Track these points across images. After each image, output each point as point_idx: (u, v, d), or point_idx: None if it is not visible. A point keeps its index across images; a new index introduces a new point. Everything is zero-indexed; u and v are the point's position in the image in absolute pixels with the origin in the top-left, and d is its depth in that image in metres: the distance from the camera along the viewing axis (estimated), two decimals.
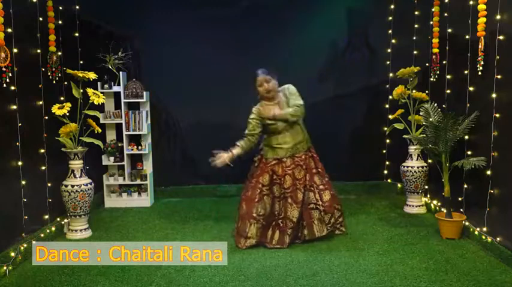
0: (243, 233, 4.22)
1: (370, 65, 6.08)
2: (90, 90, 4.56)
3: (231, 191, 6.09)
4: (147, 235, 4.62)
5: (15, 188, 4.02)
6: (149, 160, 5.88)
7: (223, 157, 4.28)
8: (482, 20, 4.03)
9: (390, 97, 5.81)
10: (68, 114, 4.42)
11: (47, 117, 4.56)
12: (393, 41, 5.95)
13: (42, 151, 4.50)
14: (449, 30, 4.83)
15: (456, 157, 4.38)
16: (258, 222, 4.22)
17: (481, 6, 4.02)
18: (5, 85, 3.84)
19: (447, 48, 4.87)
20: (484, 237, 4.03)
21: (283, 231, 4.23)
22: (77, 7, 5.44)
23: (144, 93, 5.60)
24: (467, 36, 4.37)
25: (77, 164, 4.54)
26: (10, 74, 3.88)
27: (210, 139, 6.17)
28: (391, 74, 5.92)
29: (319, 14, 5.92)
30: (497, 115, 3.89)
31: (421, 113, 4.66)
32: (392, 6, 5.91)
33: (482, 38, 4.05)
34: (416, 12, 5.66)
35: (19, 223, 4.04)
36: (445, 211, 4.43)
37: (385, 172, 6.18)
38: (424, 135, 4.63)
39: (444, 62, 4.93)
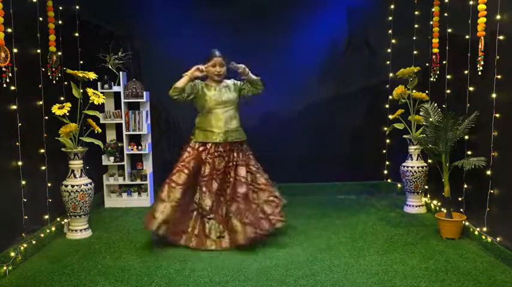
0: (154, 213, 4.10)
1: (370, 65, 6.08)
2: (90, 90, 4.56)
3: None
4: (147, 235, 4.62)
5: (15, 188, 4.01)
6: (149, 160, 5.88)
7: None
8: (482, 20, 4.03)
9: (390, 97, 5.82)
10: (68, 114, 4.42)
11: (47, 117, 4.56)
12: (393, 41, 5.95)
13: (42, 151, 4.50)
14: (449, 30, 4.83)
15: (456, 157, 4.38)
16: (172, 202, 4.13)
17: (481, 6, 4.02)
18: (5, 85, 3.84)
19: (447, 48, 4.87)
20: (484, 237, 4.03)
21: (201, 220, 4.22)
22: (77, 7, 5.44)
23: (144, 93, 5.60)
24: (467, 36, 4.37)
25: (77, 164, 4.54)
26: (10, 74, 3.87)
27: None
28: (391, 74, 5.93)
29: (319, 14, 5.92)
30: (497, 115, 3.89)
31: (421, 113, 4.66)
32: (392, 6, 5.91)
33: (482, 38, 4.05)
34: (416, 12, 5.66)
35: (19, 223, 4.04)
36: (445, 211, 4.43)
37: (385, 172, 6.18)
38: (424, 135, 4.63)
39: (444, 62, 4.93)
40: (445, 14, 4.93)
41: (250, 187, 4.36)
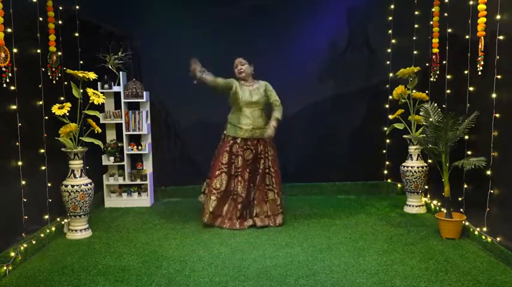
0: (207, 207, 4.79)
1: (370, 65, 6.08)
2: (90, 90, 4.56)
3: None
4: (147, 235, 4.62)
5: (15, 188, 4.02)
6: (149, 160, 5.88)
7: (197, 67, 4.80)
8: (482, 20, 4.03)
9: (390, 97, 5.82)
10: (68, 114, 4.42)
11: (47, 117, 4.56)
12: (393, 41, 5.95)
13: (42, 151, 4.50)
14: (449, 30, 4.83)
15: (456, 157, 4.38)
16: (214, 195, 4.76)
17: (481, 6, 4.02)
18: (5, 85, 3.84)
19: (447, 48, 4.87)
20: (484, 237, 4.03)
21: (235, 205, 4.80)
22: (77, 7, 5.44)
23: (144, 93, 5.60)
24: (467, 36, 4.37)
25: (77, 164, 4.54)
26: (10, 74, 3.88)
27: (210, 139, 6.19)
28: (391, 74, 5.93)
29: (319, 14, 5.92)
30: (497, 115, 3.89)
31: (421, 113, 4.67)
32: (392, 6, 5.91)
33: (482, 38, 4.05)
34: (416, 12, 5.66)
35: (19, 223, 4.05)
36: (445, 211, 4.43)
37: (385, 172, 6.18)
38: (424, 135, 4.63)
39: (444, 62, 4.93)
40: (445, 14, 4.93)
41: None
